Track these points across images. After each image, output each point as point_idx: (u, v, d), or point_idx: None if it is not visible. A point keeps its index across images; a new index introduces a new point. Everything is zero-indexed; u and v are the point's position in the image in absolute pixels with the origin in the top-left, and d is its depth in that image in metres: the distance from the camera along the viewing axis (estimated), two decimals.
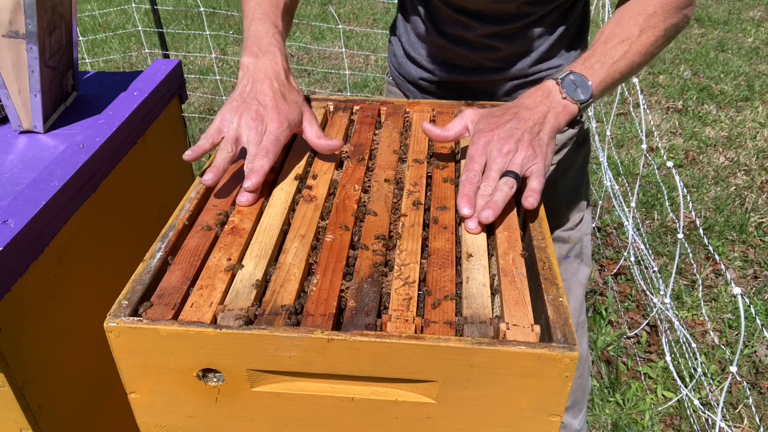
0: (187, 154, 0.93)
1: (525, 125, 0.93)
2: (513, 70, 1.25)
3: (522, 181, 0.91)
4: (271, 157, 0.92)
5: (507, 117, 0.94)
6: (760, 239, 2.86)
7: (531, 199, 0.88)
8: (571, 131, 1.30)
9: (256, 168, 0.91)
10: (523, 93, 1.01)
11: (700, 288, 2.57)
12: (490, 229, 0.88)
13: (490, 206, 0.87)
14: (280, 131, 0.94)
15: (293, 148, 1.06)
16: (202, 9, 4.15)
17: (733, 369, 1.69)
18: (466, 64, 1.26)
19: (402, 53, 1.35)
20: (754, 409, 1.94)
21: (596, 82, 0.99)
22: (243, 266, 0.80)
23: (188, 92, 2.99)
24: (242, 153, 0.95)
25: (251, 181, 0.90)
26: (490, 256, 0.84)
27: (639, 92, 2.39)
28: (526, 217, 0.90)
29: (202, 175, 0.93)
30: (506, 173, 0.90)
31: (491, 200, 0.87)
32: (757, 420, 1.99)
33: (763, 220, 2.98)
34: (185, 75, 1.96)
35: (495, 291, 0.79)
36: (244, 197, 0.91)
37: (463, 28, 1.22)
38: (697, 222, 2.66)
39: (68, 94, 1.29)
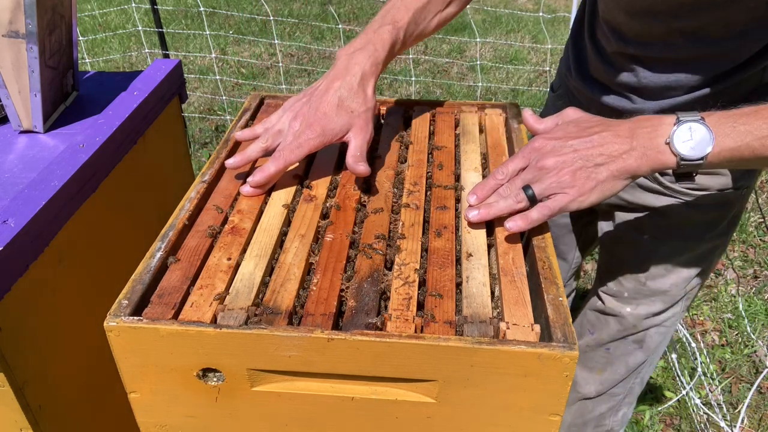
0: (237, 134, 1.01)
1: (589, 151, 0.81)
2: (638, 108, 1.05)
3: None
4: (281, 162, 0.91)
5: (584, 133, 0.83)
6: (760, 239, 2.86)
7: (511, 223, 0.82)
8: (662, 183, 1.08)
9: (263, 168, 0.91)
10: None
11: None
12: (490, 229, 0.88)
13: (483, 207, 0.85)
14: (306, 139, 0.91)
15: None
16: (202, 9, 4.15)
17: None
18: (603, 80, 1.12)
19: (566, 45, 1.26)
20: (753, 408, 1.94)
21: (723, 147, 0.78)
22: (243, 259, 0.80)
23: (188, 92, 3.00)
24: None
25: (254, 177, 0.92)
26: (489, 255, 0.84)
27: None
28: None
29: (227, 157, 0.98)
30: (525, 187, 0.83)
31: (491, 203, 0.86)
32: (757, 420, 1.99)
33: (763, 220, 2.98)
34: (185, 75, 1.97)
35: (495, 297, 0.79)
36: (246, 188, 0.93)
37: (604, 40, 1.09)
38: None
39: (68, 94, 1.29)
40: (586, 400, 1.39)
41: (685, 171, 0.81)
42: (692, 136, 0.78)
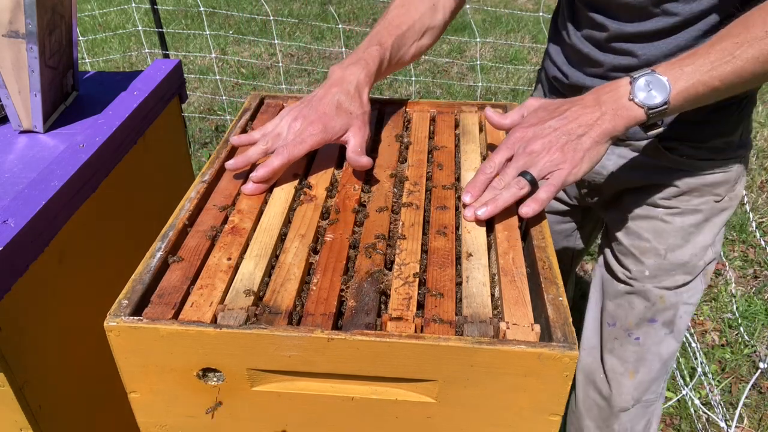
0: (234, 139, 1.02)
1: (567, 126, 0.87)
2: None
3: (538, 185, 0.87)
4: (285, 156, 0.92)
5: (555, 114, 0.89)
6: (761, 239, 2.86)
7: (526, 208, 0.84)
8: (638, 142, 1.15)
9: (267, 163, 0.93)
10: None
11: None
12: (490, 228, 0.88)
13: (490, 203, 0.86)
14: (309, 135, 0.93)
15: None
16: (202, 9, 4.15)
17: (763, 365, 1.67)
18: (596, 70, 1.14)
19: (546, 48, 1.29)
20: (753, 408, 1.94)
21: (679, 88, 0.86)
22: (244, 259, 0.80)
23: (188, 92, 2.99)
24: None
25: (257, 173, 0.92)
26: (489, 255, 0.84)
27: None
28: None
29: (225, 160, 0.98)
30: (523, 173, 0.86)
31: (494, 197, 0.87)
32: (757, 420, 1.99)
33: (763, 220, 2.98)
34: (185, 75, 1.96)
35: (495, 297, 0.79)
36: (248, 185, 0.94)
37: (595, 28, 1.11)
38: None
39: (68, 93, 1.29)
40: (622, 414, 1.33)
41: (654, 120, 0.88)
42: (650, 87, 0.86)
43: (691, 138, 1.12)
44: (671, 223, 1.19)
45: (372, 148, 1.07)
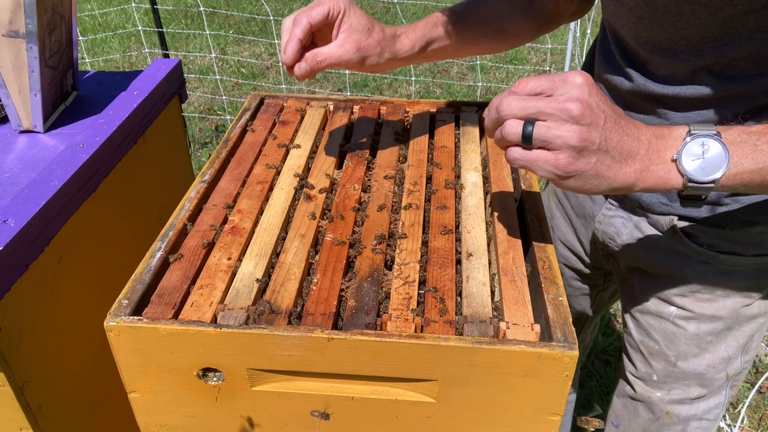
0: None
1: (613, 134, 0.66)
2: None
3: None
4: (303, 22, 0.86)
5: (626, 117, 0.70)
6: None
7: (494, 135, 0.69)
8: (657, 216, 0.95)
9: (289, 38, 0.87)
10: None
11: None
12: (490, 228, 0.88)
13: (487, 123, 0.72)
14: (306, 11, 0.86)
15: (292, 148, 1.06)
16: (202, 9, 4.15)
17: None
18: None
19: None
20: (754, 409, 1.94)
21: (740, 169, 0.67)
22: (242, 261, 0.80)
23: (188, 92, 2.99)
24: None
25: (284, 54, 0.86)
26: (489, 255, 0.84)
27: None
28: (525, 212, 0.90)
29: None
30: (529, 122, 0.66)
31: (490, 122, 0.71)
32: (757, 420, 1.99)
33: None
34: (185, 75, 1.96)
35: (495, 297, 0.79)
36: (298, 69, 0.87)
37: (620, 75, 0.92)
38: None
39: (68, 93, 1.29)
40: None
41: (692, 194, 0.69)
42: (704, 154, 0.66)
43: (713, 222, 0.90)
44: (684, 329, 0.99)
45: (372, 148, 1.07)
